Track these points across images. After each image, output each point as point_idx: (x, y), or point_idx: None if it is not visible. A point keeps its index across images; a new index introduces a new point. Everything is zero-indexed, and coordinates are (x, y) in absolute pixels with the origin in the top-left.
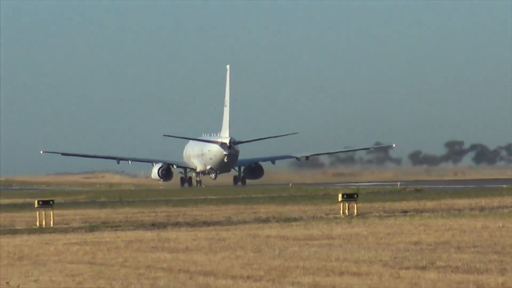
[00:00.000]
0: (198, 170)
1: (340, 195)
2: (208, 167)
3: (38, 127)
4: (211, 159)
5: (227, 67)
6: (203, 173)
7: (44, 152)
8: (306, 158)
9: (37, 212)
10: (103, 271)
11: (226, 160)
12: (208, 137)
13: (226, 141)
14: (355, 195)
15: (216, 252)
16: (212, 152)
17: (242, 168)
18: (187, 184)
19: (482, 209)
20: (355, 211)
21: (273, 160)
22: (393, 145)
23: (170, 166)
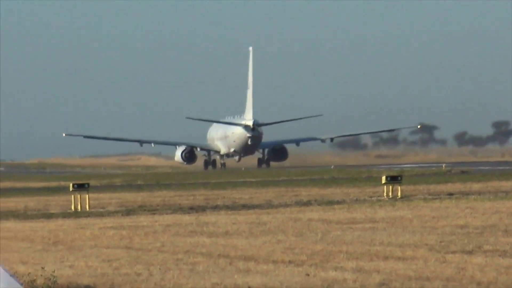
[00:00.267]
0: (222, 153)
1: (384, 177)
2: (232, 150)
3: (68, 110)
4: (235, 142)
5: (250, 49)
6: (227, 156)
7: (67, 135)
8: (331, 140)
9: (72, 196)
10: (140, 256)
11: (250, 143)
12: (232, 120)
13: (250, 123)
14: (399, 177)
15: (257, 236)
16: (236, 135)
17: (266, 151)
18: (211, 167)
19: None
20: (399, 194)
21: (298, 142)
22: (418, 126)
23: (194, 149)
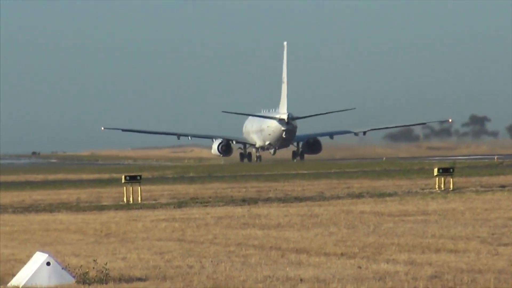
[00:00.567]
0: (257, 146)
1: (436, 170)
2: (267, 143)
3: (113, 104)
4: (270, 135)
5: (284, 44)
6: (262, 149)
7: (105, 129)
8: (364, 133)
9: (124, 188)
10: (193, 249)
11: (285, 136)
12: (267, 113)
13: (284, 117)
14: (451, 169)
15: (309, 229)
16: (271, 128)
17: (301, 143)
18: (247, 160)
19: None
20: (451, 186)
21: (331, 135)
22: (449, 120)
23: (230, 142)
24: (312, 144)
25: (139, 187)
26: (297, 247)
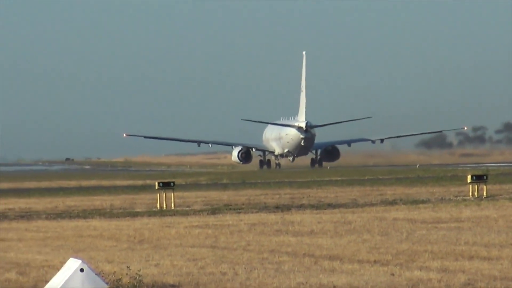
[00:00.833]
0: (276, 153)
1: (469, 177)
2: (286, 150)
3: (138, 111)
4: (289, 143)
5: (303, 53)
6: (281, 156)
7: (127, 135)
8: (381, 141)
9: (158, 194)
10: (226, 255)
11: (303, 144)
12: (286, 121)
13: (303, 125)
14: (485, 177)
15: (342, 236)
16: (290, 136)
17: (319, 151)
18: (266, 167)
19: None
20: (485, 193)
21: (349, 143)
22: (465, 128)
23: (250, 149)
24: (331, 152)
25: (173, 194)
26: (330, 254)
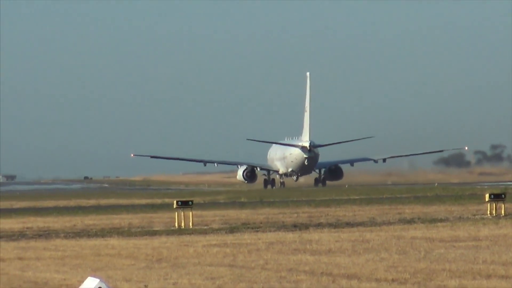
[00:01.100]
0: (281, 172)
1: (487, 195)
2: (290, 170)
3: (149, 130)
4: (292, 162)
5: (307, 74)
6: (285, 175)
7: (135, 155)
8: (384, 161)
9: (176, 213)
10: (244, 274)
11: (307, 163)
12: (290, 141)
13: (306, 145)
14: (503, 195)
15: (360, 254)
16: (293, 155)
17: (323, 170)
18: (270, 186)
19: None
20: (503, 212)
21: (352, 163)
22: (466, 148)
23: (254, 168)
24: (334, 171)
25: (191, 212)
26: (348, 273)
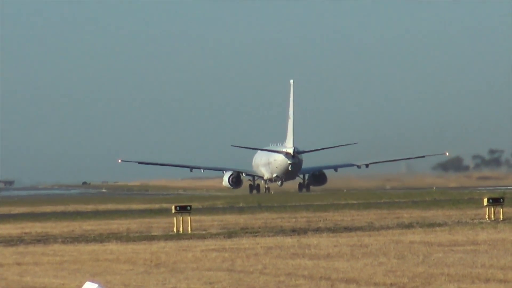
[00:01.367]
0: (266, 178)
1: (486, 200)
2: (274, 175)
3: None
4: (277, 168)
5: (291, 82)
6: (270, 181)
7: (122, 161)
8: (366, 166)
9: (174, 218)
10: (242, 279)
11: (291, 169)
12: (274, 147)
13: (290, 151)
14: (501, 199)
15: (358, 259)
16: (278, 161)
17: (307, 176)
18: (256, 191)
19: None
20: (501, 216)
21: (335, 168)
22: (446, 153)
23: (240, 174)
24: (318, 176)
25: (189, 217)
26: (347, 277)
